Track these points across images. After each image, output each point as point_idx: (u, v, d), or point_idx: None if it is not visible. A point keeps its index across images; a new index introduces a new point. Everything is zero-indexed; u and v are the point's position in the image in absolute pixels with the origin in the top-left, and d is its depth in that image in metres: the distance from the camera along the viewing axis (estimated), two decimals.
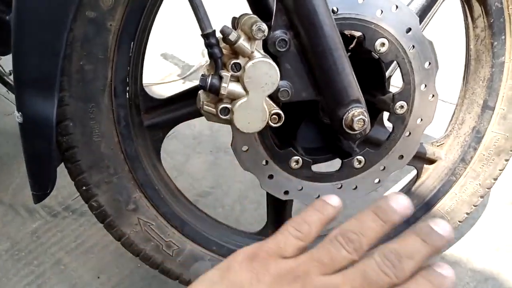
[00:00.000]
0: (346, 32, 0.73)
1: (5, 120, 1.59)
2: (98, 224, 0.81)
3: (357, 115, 0.68)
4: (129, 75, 0.72)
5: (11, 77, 1.47)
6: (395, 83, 0.85)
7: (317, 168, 0.83)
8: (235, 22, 0.67)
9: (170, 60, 1.97)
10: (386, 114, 0.82)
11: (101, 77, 0.68)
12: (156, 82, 1.79)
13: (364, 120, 0.68)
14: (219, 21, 0.66)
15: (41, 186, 0.70)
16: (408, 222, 1.00)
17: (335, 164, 0.87)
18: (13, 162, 1.40)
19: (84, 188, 0.74)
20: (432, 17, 0.83)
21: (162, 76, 1.86)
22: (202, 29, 0.60)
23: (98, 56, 0.66)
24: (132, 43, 0.70)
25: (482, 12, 0.82)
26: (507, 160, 0.94)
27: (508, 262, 1.14)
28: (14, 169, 1.37)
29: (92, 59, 0.66)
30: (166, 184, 0.85)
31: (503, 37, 0.83)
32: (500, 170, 0.95)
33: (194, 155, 1.47)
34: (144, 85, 0.79)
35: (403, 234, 0.34)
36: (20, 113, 0.64)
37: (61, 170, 0.73)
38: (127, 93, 0.73)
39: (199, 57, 1.88)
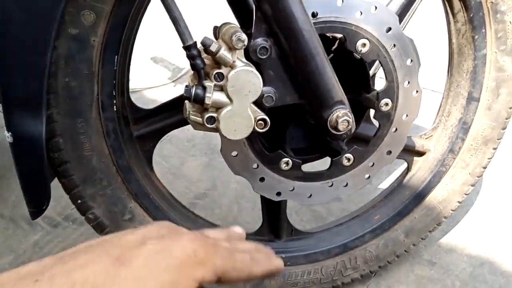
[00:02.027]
0: (328, 34, 0.74)
1: (0, 133, 1.60)
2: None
3: (341, 116, 0.69)
4: (115, 88, 0.73)
5: None
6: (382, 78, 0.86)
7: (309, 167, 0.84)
8: (217, 31, 0.67)
9: (160, 63, 1.97)
10: (372, 112, 0.83)
11: (87, 92, 0.69)
12: (147, 86, 1.80)
13: (348, 121, 0.69)
14: (202, 29, 0.67)
15: (37, 203, 0.71)
16: (402, 214, 1.02)
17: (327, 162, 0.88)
18: (10, 175, 1.41)
19: (79, 201, 0.76)
20: (412, 15, 0.84)
21: (153, 80, 1.86)
22: (183, 41, 0.61)
23: (83, 72, 0.67)
24: (116, 56, 0.71)
25: (462, 6, 0.83)
26: (495, 149, 0.96)
27: (503, 246, 1.16)
28: (12, 182, 1.38)
29: (78, 75, 0.67)
30: (160, 191, 0.86)
31: (483, 30, 0.84)
32: (488, 158, 0.97)
33: (189, 158, 1.48)
34: (135, 90, 0.80)
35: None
36: (10, 133, 0.65)
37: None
38: (115, 106, 0.74)
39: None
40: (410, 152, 0.99)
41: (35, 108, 0.65)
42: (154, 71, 1.93)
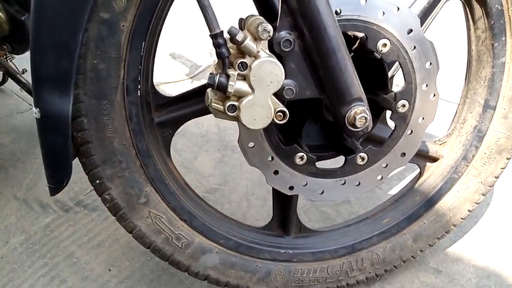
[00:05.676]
0: (349, 33, 0.75)
1: (18, 118, 1.64)
2: (109, 218, 0.84)
3: (359, 113, 0.70)
4: (140, 73, 0.75)
5: (24, 75, 1.51)
6: (399, 83, 0.87)
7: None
8: (242, 23, 0.69)
9: (178, 59, 2.01)
10: (389, 113, 0.84)
11: (114, 75, 0.71)
12: (165, 81, 1.83)
13: (366, 118, 0.70)
14: (227, 22, 0.69)
15: (57, 179, 0.73)
16: (411, 219, 1.02)
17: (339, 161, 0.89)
18: (26, 159, 1.44)
19: (97, 182, 0.77)
20: (433, 18, 0.85)
21: (170, 76, 1.90)
22: (210, 29, 0.63)
23: (111, 55, 0.70)
24: (144, 42, 0.73)
25: (483, 13, 0.84)
26: (508, 159, 0.96)
27: (510, 258, 1.15)
28: (27, 165, 1.41)
29: (106, 58, 0.69)
30: (175, 179, 0.88)
31: (503, 38, 0.85)
32: (501, 168, 0.97)
33: (201, 152, 1.50)
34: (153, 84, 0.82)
35: None
36: (37, 108, 0.67)
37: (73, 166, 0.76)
38: (139, 91, 0.76)
39: (206, 57, 1.92)
40: (424, 157, 0.99)
41: (64, 87, 0.67)
42: (172, 66, 1.96)
